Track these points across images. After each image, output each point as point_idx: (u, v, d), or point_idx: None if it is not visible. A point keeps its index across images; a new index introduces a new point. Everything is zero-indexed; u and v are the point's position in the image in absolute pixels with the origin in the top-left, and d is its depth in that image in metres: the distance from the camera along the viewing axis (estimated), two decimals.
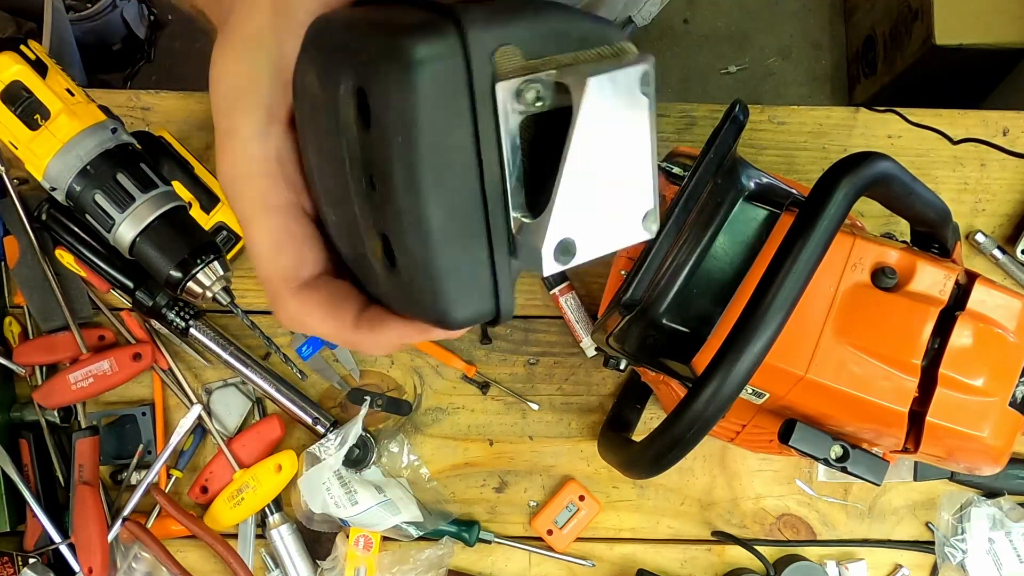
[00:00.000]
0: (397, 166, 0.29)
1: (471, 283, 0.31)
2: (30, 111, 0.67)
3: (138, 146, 0.72)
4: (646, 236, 0.32)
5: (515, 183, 0.30)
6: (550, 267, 0.30)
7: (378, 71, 0.28)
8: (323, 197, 0.35)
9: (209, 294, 0.70)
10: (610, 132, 0.29)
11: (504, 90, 0.29)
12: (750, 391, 0.62)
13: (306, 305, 0.37)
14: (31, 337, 0.84)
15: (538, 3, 0.30)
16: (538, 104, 0.30)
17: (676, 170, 0.69)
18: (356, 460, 0.83)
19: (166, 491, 0.84)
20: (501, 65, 0.29)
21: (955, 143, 0.87)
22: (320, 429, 0.83)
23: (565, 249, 0.30)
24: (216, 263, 0.69)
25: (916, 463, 0.86)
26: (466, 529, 0.84)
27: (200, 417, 0.83)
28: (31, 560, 0.81)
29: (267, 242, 0.36)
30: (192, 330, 0.82)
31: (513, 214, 0.31)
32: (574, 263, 0.30)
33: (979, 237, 0.86)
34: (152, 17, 1.75)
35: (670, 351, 0.64)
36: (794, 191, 0.65)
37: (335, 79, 0.31)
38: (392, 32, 0.29)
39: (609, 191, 0.30)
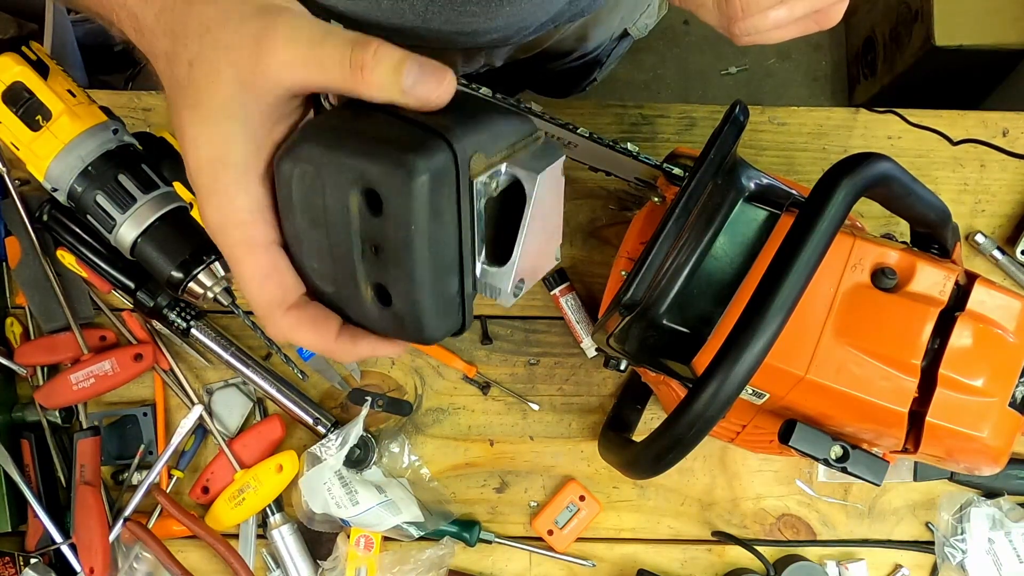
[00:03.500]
0: (405, 244, 0.40)
1: (447, 313, 0.43)
2: (31, 112, 0.67)
3: (139, 147, 0.72)
4: (557, 263, 0.47)
5: (479, 243, 0.43)
6: (510, 301, 0.43)
7: (392, 179, 0.38)
8: (306, 250, 0.44)
9: (210, 295, 0.70)
10: (546, 204, 0.43)
11: (477, 185, 0.40)
12: (750, 391, 0.62)
13: (295, 321, 0.44)
14: (32, 337, 0.84)
15: (487, 111, 0.42)
16: (496, 189, 0.42)
17: (676, 171, 0.69)
18: (357, 460, 0.83)
19: (167, 491, 0.84)
20: (474, 168, 0.40)
21: (955, 144, 0.88)
22: (321, 429, 0.83)
23: (519, 286, 0.44)
24: (217, 264, 0.69)
25: (916, 463, 0.86)
26: (467, 529, 0.84)
27: (201, 417, 0.83)
28: (32, 560, 0.81)
29: (257, 274, 0.43)
30: (193, 330, 0.82)
31: (478, 263, 0.43)
32: (522, 293, 0.44)
33: (979, 238, 0.86)
34: None
35: (670, 351, 0.64)
36: (794, 192, 0.66)
37: (344, 178, 0.40)
38: (400, 148, 0.39)
39: (541, 243, 0.44)
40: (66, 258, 0.81)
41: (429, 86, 0.40)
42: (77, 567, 0.80)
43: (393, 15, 0.72)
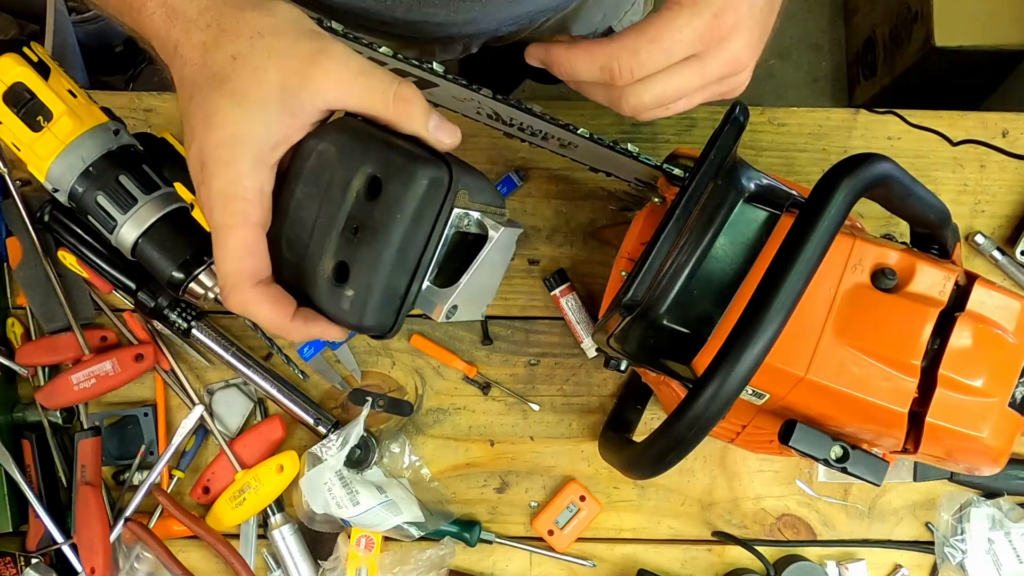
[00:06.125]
0: (384, 229, 0.48)
1: (386, 308, 0.50)
2: (33, 113, 0.67)
3: (140, 147, 0.72)
4: (481, 318, 0.57)
5: (435, 261, 0.51)
6: (441, 318, 0.52)
7: (400, 173, 0.47)
8: (292, 219, 0.51)
9: (211, 295, 0.70)
10: (495, 258, 0.52)
11: (454, 213, 0.50)
12: (750, 392, 0.62)
13: (259, 296, 0.51)
14: (33, 338, 0.84)
15: (478, 173, 0.53)
16: (464, 227, 0.51)
17: (676, 171, 0.69)
18: (358, 461, 0.83)
19: (168, 491, 0.84)
20: (458, 199, 0.49)
21: (955, 144, 0.88)
22: (322, 430, 0.83)
23: (451, 312, 0.52)
24: None
25: (916, 463, 0.86)
26: (467, 529, 0.84)
27: (202, 418, 0.83)
28: (34, 560, 0.81)
29: (241, 246, 0.50)
30: (194, 331, 0.82)
31: (426, 281, 0.51)
32: (452, 320, 0.53)
33: (978, 238, 0.86)
34: None
35: (671, 352, 0.64)
36: (794, 192, 0.66)
37: (357, 162, 0.48)
38: (414, 156, 0.48)
39: (479, 289, 0.53)
40: (67, 258, 0.81)
41: (447, 131, 0.50)
42: (78, 567, 0.80)
43: (357, 0, 0.72)
